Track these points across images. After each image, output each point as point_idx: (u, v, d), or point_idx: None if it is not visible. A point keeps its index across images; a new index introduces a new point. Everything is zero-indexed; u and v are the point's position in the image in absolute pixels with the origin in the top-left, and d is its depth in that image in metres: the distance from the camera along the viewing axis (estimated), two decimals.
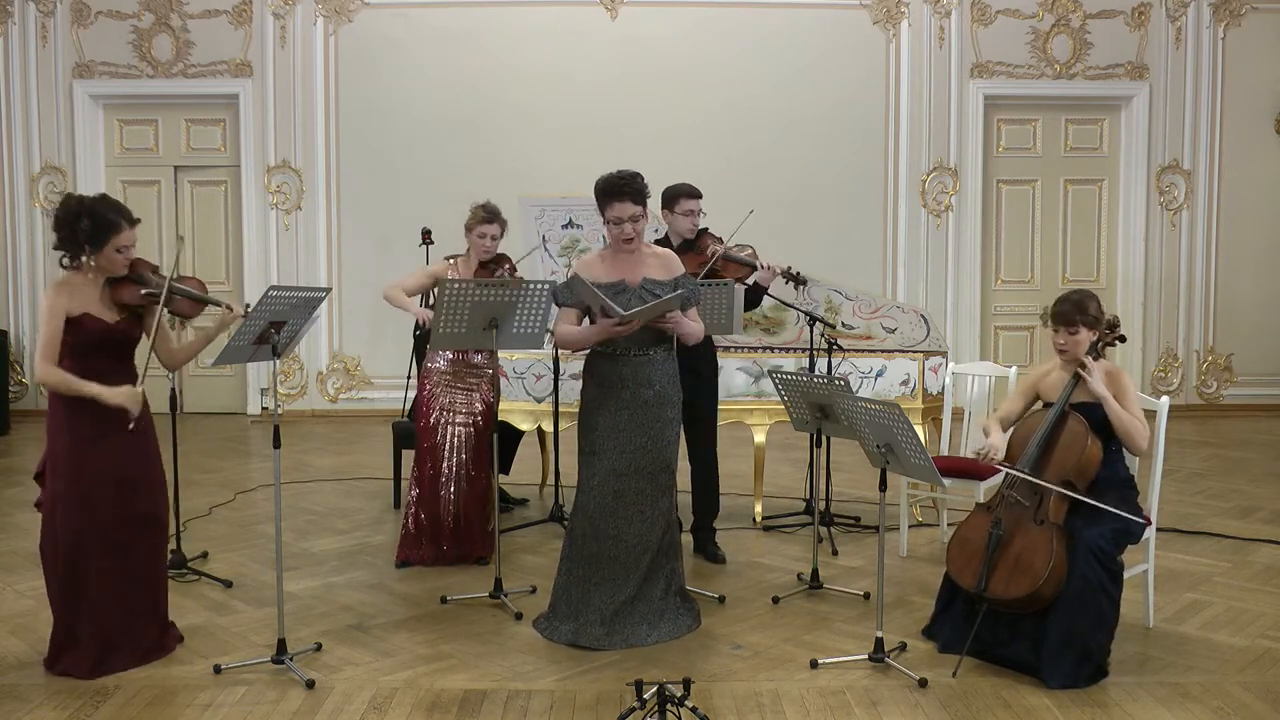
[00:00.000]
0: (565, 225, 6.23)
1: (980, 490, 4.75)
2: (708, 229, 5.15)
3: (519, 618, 4.26)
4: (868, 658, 3.78)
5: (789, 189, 9.34)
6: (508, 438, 6.11)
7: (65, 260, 3.72)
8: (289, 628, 4.04)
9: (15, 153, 9.52)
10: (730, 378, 5.69)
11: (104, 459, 3.68)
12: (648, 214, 4.08)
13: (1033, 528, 3.74)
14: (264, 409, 9.66)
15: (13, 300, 9.58)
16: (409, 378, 7.98)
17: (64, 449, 3.68)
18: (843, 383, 4.02)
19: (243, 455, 7.99)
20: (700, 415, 5.05)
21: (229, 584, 4.71)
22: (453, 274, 5.10)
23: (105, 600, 3.70)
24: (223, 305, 3.93)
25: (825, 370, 5.45)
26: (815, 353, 5.41)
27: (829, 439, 5.32)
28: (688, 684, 3.11)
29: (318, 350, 9.66)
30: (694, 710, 3.08)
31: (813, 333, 5.34)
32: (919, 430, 5.40)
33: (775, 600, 4.50)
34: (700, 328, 4.13)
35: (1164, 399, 4.16)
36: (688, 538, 5.07)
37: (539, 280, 4.82)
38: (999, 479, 4.26)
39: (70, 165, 9.49)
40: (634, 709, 3.10)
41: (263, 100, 9.50)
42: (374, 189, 9.54)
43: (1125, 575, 3.76)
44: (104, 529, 3.68)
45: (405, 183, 9.47)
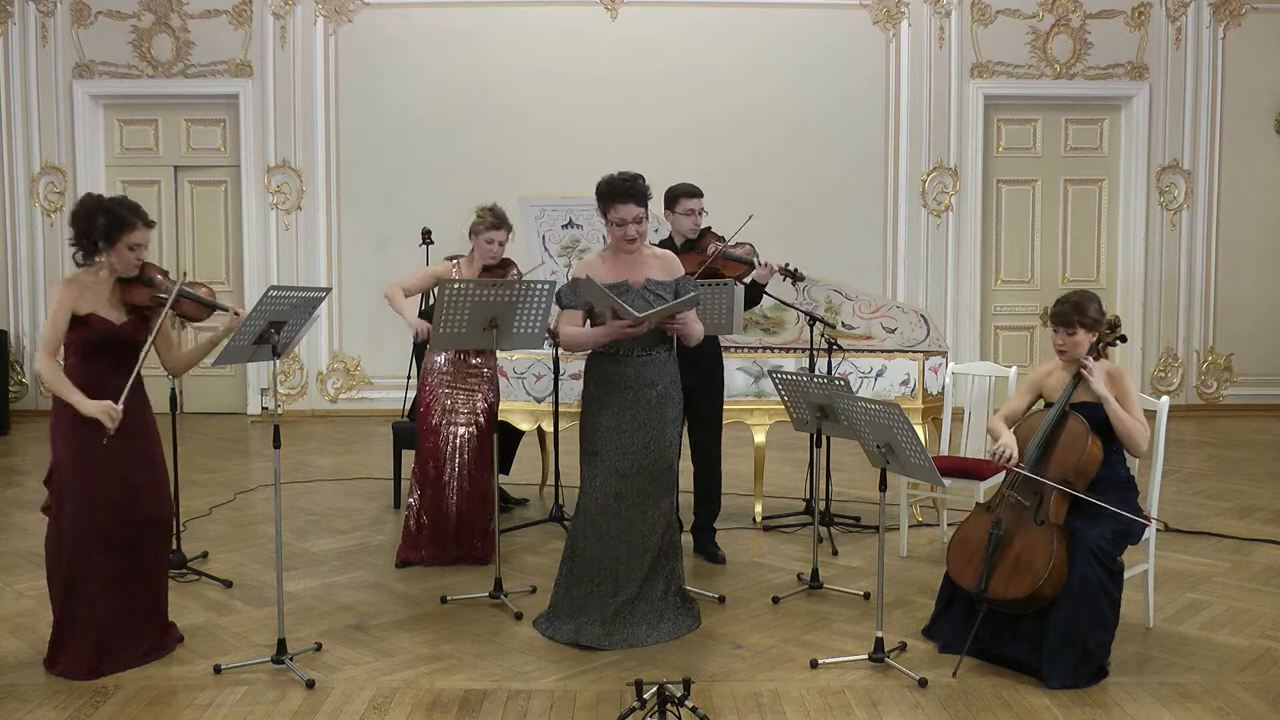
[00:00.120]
0: (565, 225, 6.22)
1: (980, 490, 4.75)
2: (710, 228, 5.15)
3: (519, 618, 4.26)
4: (868, 658, 3.78)
5: (789, 189, 9.34)
6: (508, 438, 6.11)
7: (79, 257, 3.75)
8: (289, 628, 4.04)
9: (15, 153, 9.52)
10: (730, 378, 5.67)
11: (108, 461, 3.68)
12: (649, 215, 4.09)
13: (1033, 528, 3.74)
14: (264, 409, 9.66)
15: (13, 300, 9.59)
16: (409, 378, 7.99)
17: (68, 451, 3.68)
18: (843, 383, 4.02)
19: (243, 455, 7.99)
20: (704, 416, 5.06)
21: (229, 584, 4.71)
22: (455, 275, 5.08)
23: (105, 601, 3.69)
24: (230, 310, 3.93)
25: (825, 370, 5.45)
26: (815, 353, 5.41)
27: (829, 439, 5.31)
28: (688, 684, 3.12)
29: (318, 350, 9.67)
30: (694, 710, 3.08)
31: (813, 333, 5.34)
32: (919, 430, 5.40)
33: (775, 600, 4.50)
34: (701, 329, 4.14)
35: (1164, 399, 4.15)
36: (688, 538, 5.07)
37: (539, 280, 4.82)
38: (999, 479, 4.26)
39: (70, 165, 9.50)
40: (634, 709, 3.10)
41: (263, 100, 9.50)
42: (374, 189, 9.54)
43: (1125, 575, 3.76)
44: (107, 530, 3.68)
45: (405, 183, 9.47)
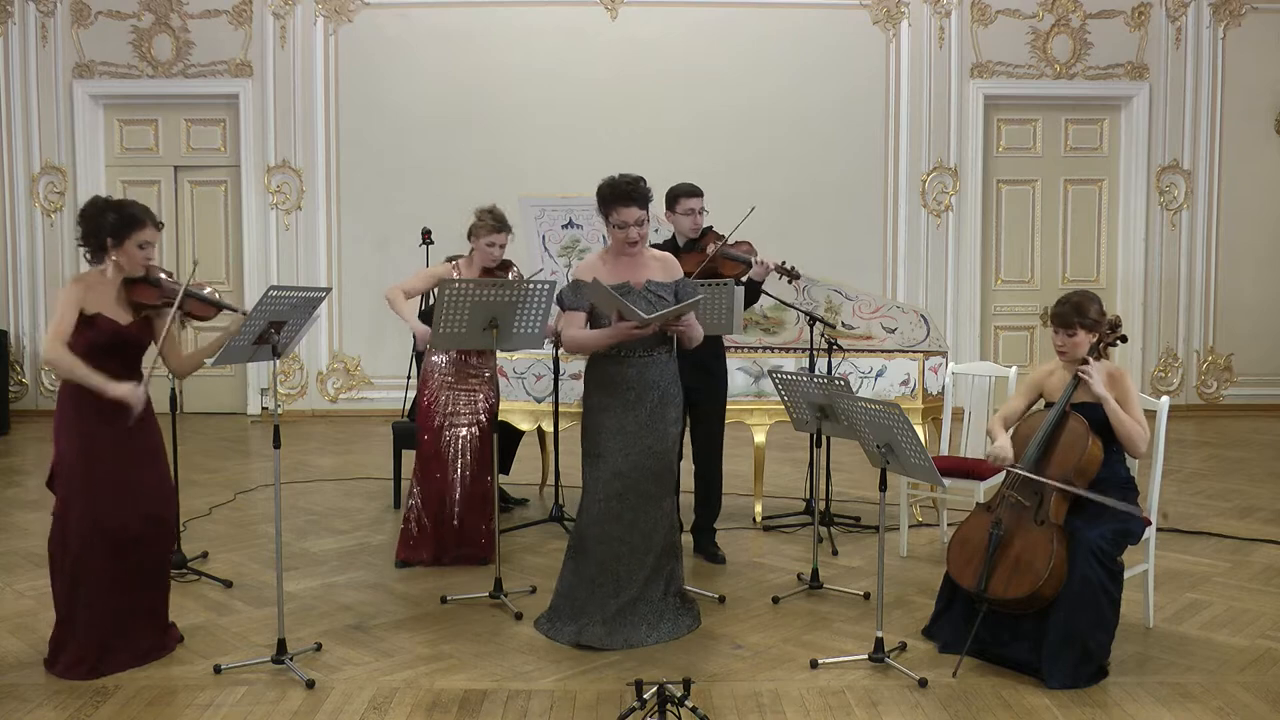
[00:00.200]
0: (565, 225, 6.22)
1: (980, 490, 4.75)
2: (711, 228, 5.14)
3: (519, 618, 4.26)
4: (868, 658, 3.78)
5: (789, 189, 9.34)
6: (508, 438, 6.11)
7: (89, 259, 3.77)
8: (289, 628, 4.04)
9: (15, 153, 9.52)
10: (730, 378, 5.65)
11: (113, 461, 3.69)
12: (650, 217, 4.09)
13: (1033, 528, 3.74)
14: (264, 409, 9.66)
15: (13, 300, 9.58)
16: (409, 378, 7.99)
17: (73, 451, 3.68)
18: (843, 383, 4.02)
19: (243, 455, 7.99)
20: (707, 416, 5.06)
21: (229, 584, 4.71)
22: (455, 276, 5.08)
23: (108, 601, 3.69)
24: (237, 310, 3.94)
25: (825, 370, 5.45)
26: (815, 353, 5.40)
27: (829, 439, 5.31)
28: (688, 684, 3.12)
29: (318, 350, 9.66)
30: (694, 710, 3.08)
31: (813, 333, 5.34)
32: (919, 430, 5.40)
33: (775, 600, 4.50)
34: (701, 331, 4.14)
35: (1164, 399, 4.15)
36: (688, 538, 5.07)
37: (539, 280, 4.82)
38: (999, 479, 4.26)
39: (70, 165, 9.49)
40: (634, 709, 3.10)
41: (263, 100, 9.50)
42: (374, 189, 9.54)
43: (1125, 575, 3.76)
44: (112, 531, 3.68)
45: (405, 183, 9.47)
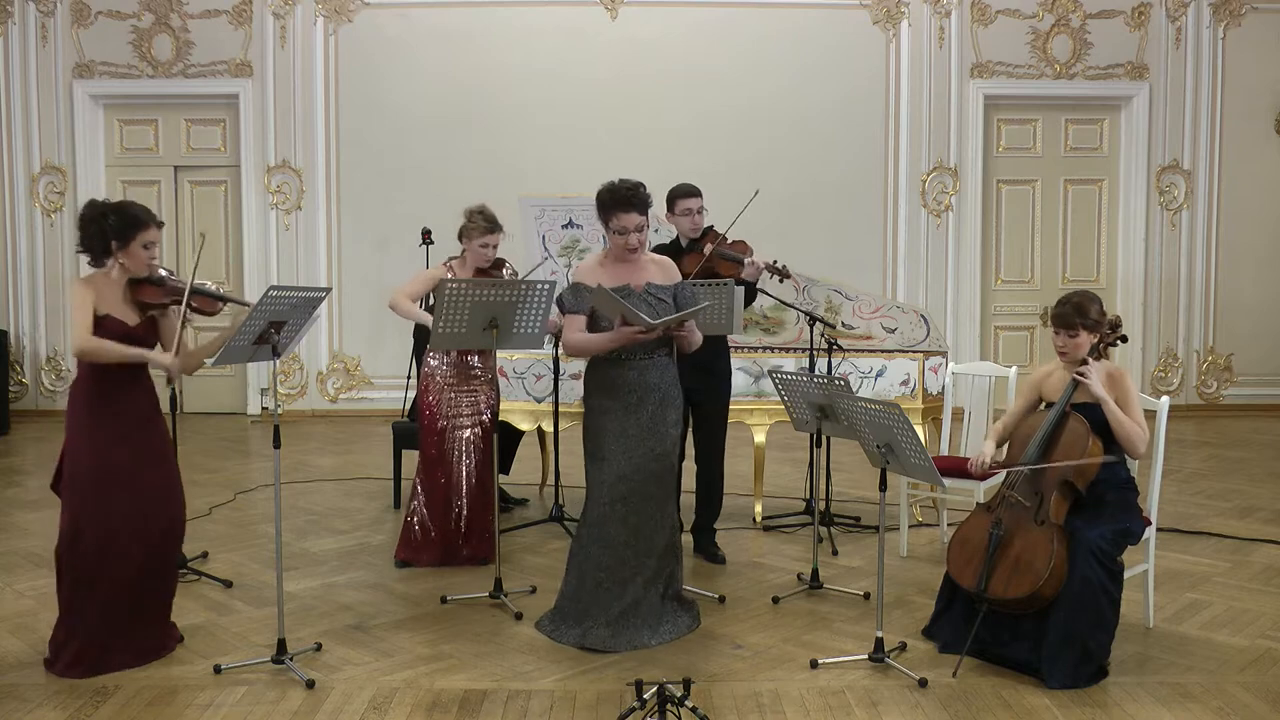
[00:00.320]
0: (565, 225, 6.22)
1: (980, 490, 4.75)
2: (712, 227, 5.14)
3: (519, 618, 4.26)
4: (868, 658, 3.78)
5: (789, 189, 9.32)
6: (508, 438, 6.11)
7: (91, 263, 3.77)
8: (289, 628, 4.04)
9: (15, 153, 9.51)
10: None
11: (125, 462, 3.70)
12: (650, 222, 4.09)
13: (1033, 528, 3.74)
14: (264, 409, 9.66)
15: (13, 300, 9.58)
16: (409, 378, 7.98)
17: (85, 452, 3.69)
18: (843, 383, 4.02)
19: (243, 455, 7.99)
20: (710, 417, 5.06)
21: (229, 584, 4.71)
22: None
23: (115, 602, 3.70)
24: (242, 304, 3.94)
25: (825, 370, 5.45)
26: (815, 353, 5.40)
27: (829, 439, 5.31)
28: (688, 684, 3.12)
29: (318, 350, 9.66)
30: (694, 710, 3.08)
31: (813, 333, 5.34)
32: (919, 430, 5.40)
33: (775, 600, 4.50)
34: (700, 337, 4.14)
35: (1164, 399, 4.15)
36: (688, 538, 5.07)
37: (539, 280, 4.82)
38: (999, 479, 4.27)
39: (70, 165, 9.49)
40: (634, 709, 3.10)
41: (263, 100, 9.49)
42: (374, 189, 9.54)
43: (1125, 575, 3.76)
44: (123, 532, 3.68)
45: (405, 183, 9.47)
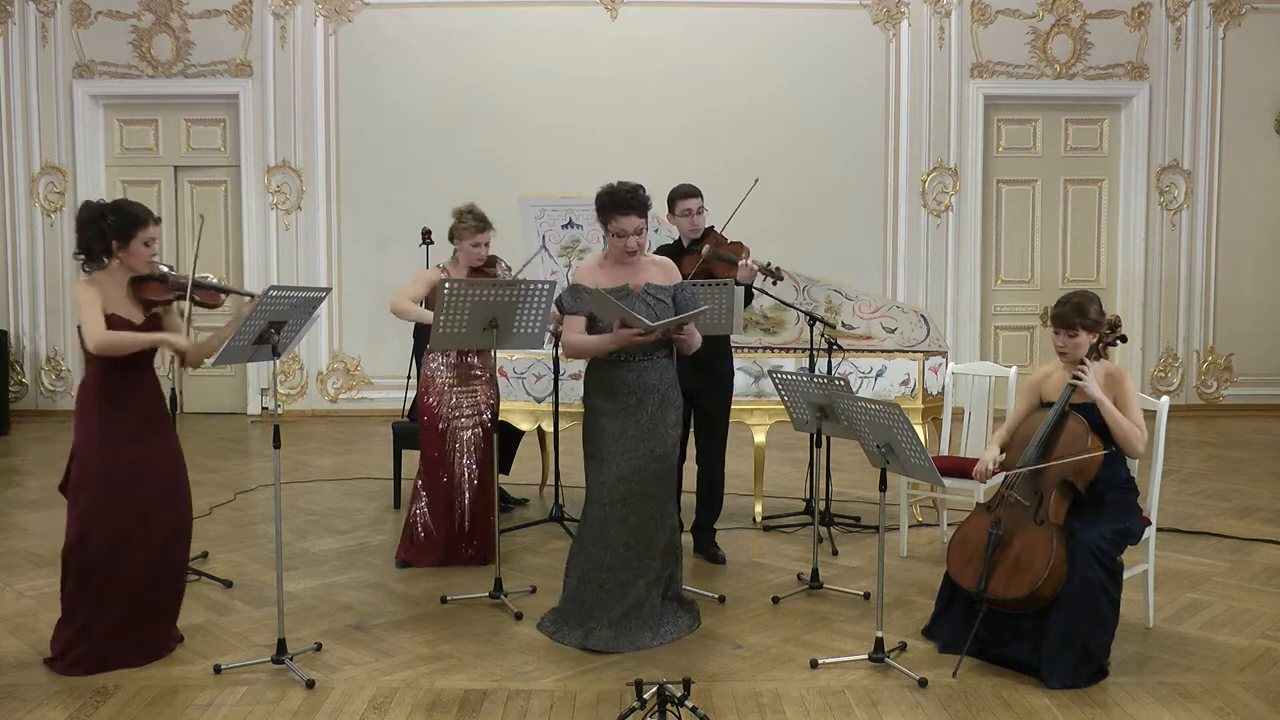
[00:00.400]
0: (565, 225, 6.22)
1: (980, 490, 4.74)
2: (712, 228, 5.14)
3: (519, 618, 4.26)
4: (868, 658, 3.78)
5: (789, 189, 9.32)
6: (508, 438, 6.11)
7: (87, 267, 3.74)
8: (289, 628, 4.04)
9: (15, 153, 9.51)
10: None
11: (134, 462, 3.70)
12: (649, 224, 4.08)
13: (1032, 527, 3.74)
14: (264, 409, 9.66)
15: (13, 300, 9.58)
16: (409, 378, 7.99)
17: (95, 451, 3.69)
18: (843, 383, 4.02)
19: (243, 455, 7.99)
20: (712, 417, 5.06)
21: (229, 584, 4.71)
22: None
23: (121, 602, 3.70)
24: (245, 294, 3.95)
25: (825, 370, 5.45)
26: (815, 353, 5.40)
27: (829, 439, 5.31)
28: (688, 684, 3.12)
29: (318, 350, 9.66)
30: (694, 710, 3.08)
31: (813, 333, 5.34)
32: (919, 430, 5.40)
33: (775, 600, 4.50)
34: (699, 339, 4.13)
35: (1164, 399, 4.15)
36: (688, 537, 5.07)
37: (540, 280, 4.82)
38: (999, 479, 4.26)
39: (70, 165, 9.49)
40: (634, 709, 3.10)
41: (263, 100, 9.49)
42: (374, 189, 9.54)
43: (1125, 575, 3.76)
44: (131, 533, 3.69)
45: (405, 183, 9.47)
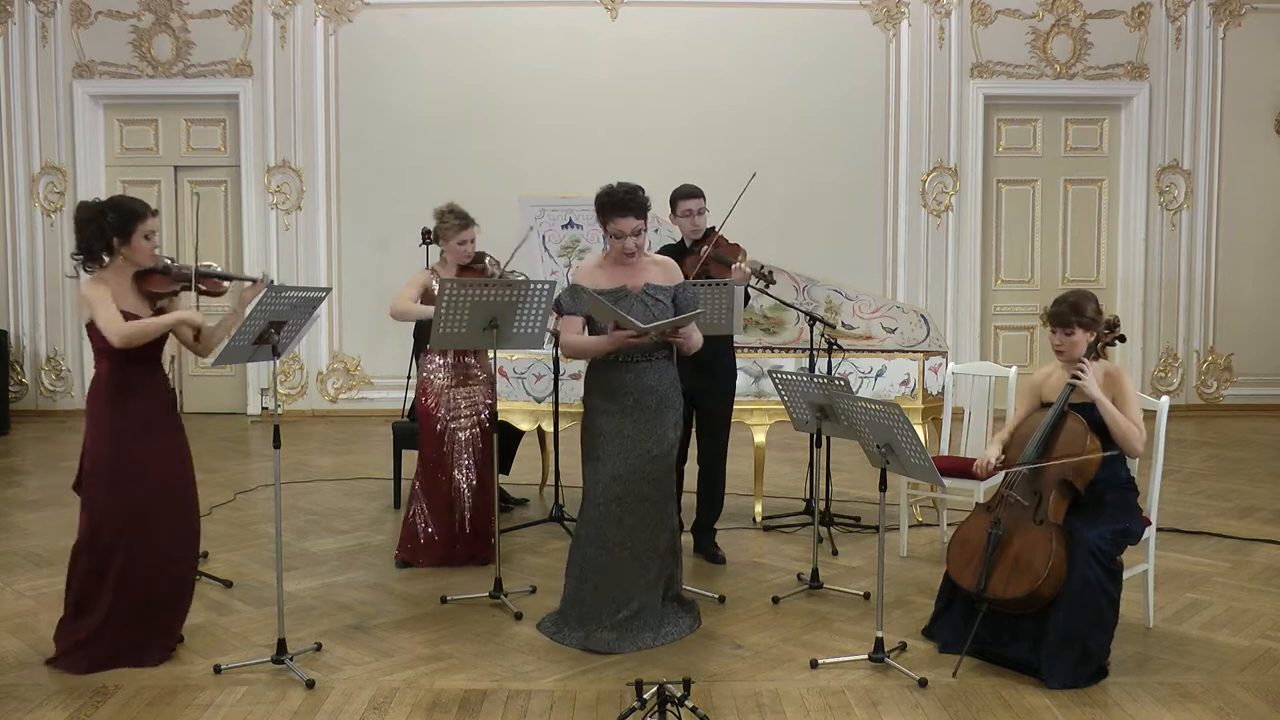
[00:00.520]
0: (565, 225, 6.22)
1: (980, 490, 4.75)
2: (713, 228, 5.14)
3: (519, 618, 4.26)
4: (868, 658, 3.78)
5: (789, 189, 9.33)
6: (508, 438, 6.11)
7: (87, 267, 3.74)
8: (289, 628, 4.03)
9: (15, 153, 9.51)
10: None
11: (145, 458, 3.71)
12: (648, 225, 4.08)
13: (1032, 527, 3.74)
14: (264, 409, 9.66)
15: (13, 300, 9.58)
16: (409, 378, 7.99)
17: (106, 446, 3.70)
18: (843, 383, 4.02)
19: (243, 455, 7.99)
20: (713, 417, 5.06)
21: (229, 584, 4.70)
22: (438, 284, 5.06)
23: (129, 600, 3.71)
24: (247, 279, 3.97)
25: (825, 370, 5.45)
26: (815, 353, 5.40)
27: (829, 439, 5.31)
28: (688, 684, 3.12)
29: (318, 350, 9.66)
30: (694, 710, 3.08)
31: (813, 333, 5.34)
32: (919, 430, 5.40)
33: (775, 600, 4.50)
34: (700, 338, 4.12)
35: (1164, 399, 4.15)
36: (688, 537, 5.07)
37: (539, 280, 4.82)
38: (999, 479, 4.27)
39: (70, 165, 9.49)
40: (634, 709, 3.10)
41: (263, 100, 9.49)
42: (374, 189, 9.54)
43: (1125, 575, 3.76)
44: (141, 528, 3.70)
45: (405, 183, 9.46)
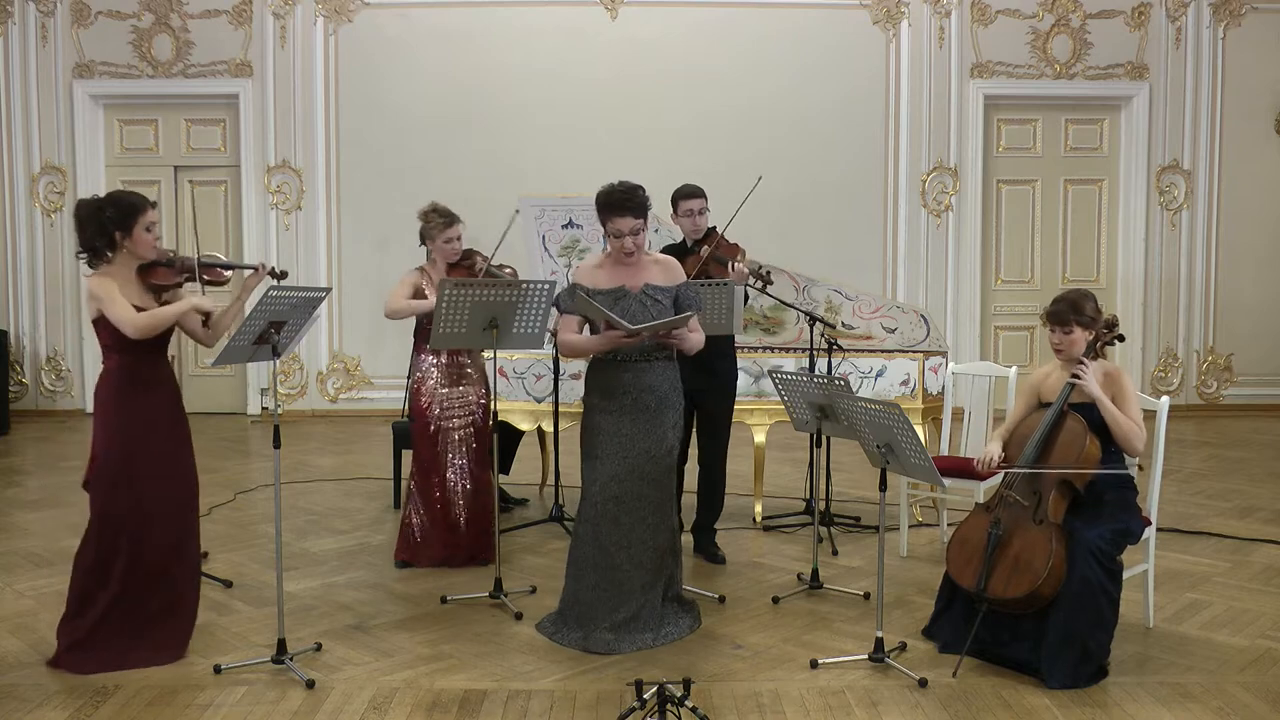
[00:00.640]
0: (565, 225, 6.22)
1: (980, 490, 4.75)
2: (714, 228, 5.14)
3: (519, 618, 4.26)
4: (868, 658, 3.78)
5: (789, 189, 9.31)
6: (508, 438, 6.11)
7: (91, 262, 3.75)
8: (289, 628, 4.04)
9: (15, 153, 9.52)
10: None
11: (153, 453, 3.72)
12: (648, 225, 4.07)
13: (1032, 527, 3.74)
14: (264, 409, 9.66)
15: (13, 300, 9.58)
16: (408, 378, 7.98)
17: (116, 442, 3.70)
18: (843, 383, 4.02)
19: (243, 455, 7.99)
20: (714, 417, 5.06)
21: (229, 584, 4.71)
22: (426, 283, 5.07)
23: (134, 599, 3.72)
24: (249, 268, 3.98)
25: (825, 370, 5.45)
26: (815, 353, 5.40)
27: (829, 439, 5.32)
28: (688, 684, 3.12)
29: (318, 350, 9.66)
30: (694, 710, 3.08)
31: (813, 333, 5.34)
32: (919, 430, 5.40)
33: (775, 600, 4.50)
34: (700, 339, 4.11)
35: (1164, 399, 4.15)
36: (688, 537, 5.07)
37: (539, 280, 4.82)
38: (998, 479, 4.27)
39: (70, 165, 9.49)
40: (634, 709, 3.10)
41: (263, 100, 9.50)
42: (374, 189, 9.54)
43: (1125, 575, 3.76)
44: (149, 523, 3.70)
45: (405, 183, 9.45)
